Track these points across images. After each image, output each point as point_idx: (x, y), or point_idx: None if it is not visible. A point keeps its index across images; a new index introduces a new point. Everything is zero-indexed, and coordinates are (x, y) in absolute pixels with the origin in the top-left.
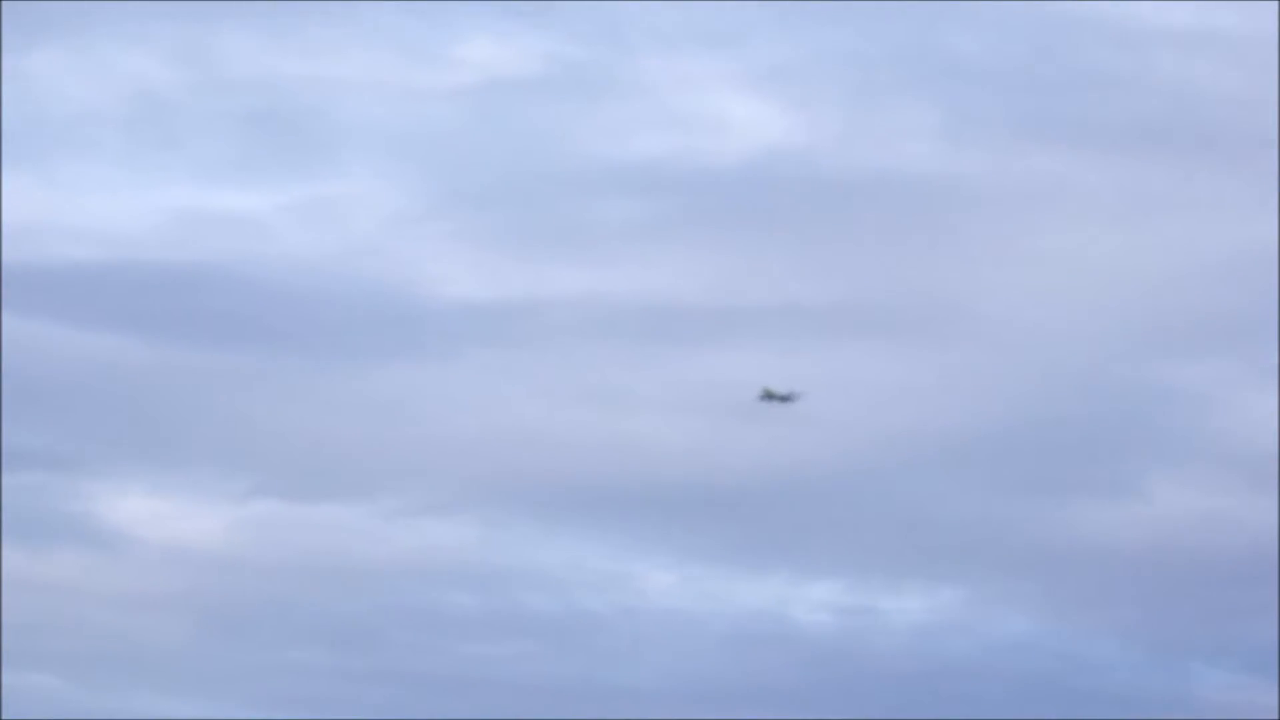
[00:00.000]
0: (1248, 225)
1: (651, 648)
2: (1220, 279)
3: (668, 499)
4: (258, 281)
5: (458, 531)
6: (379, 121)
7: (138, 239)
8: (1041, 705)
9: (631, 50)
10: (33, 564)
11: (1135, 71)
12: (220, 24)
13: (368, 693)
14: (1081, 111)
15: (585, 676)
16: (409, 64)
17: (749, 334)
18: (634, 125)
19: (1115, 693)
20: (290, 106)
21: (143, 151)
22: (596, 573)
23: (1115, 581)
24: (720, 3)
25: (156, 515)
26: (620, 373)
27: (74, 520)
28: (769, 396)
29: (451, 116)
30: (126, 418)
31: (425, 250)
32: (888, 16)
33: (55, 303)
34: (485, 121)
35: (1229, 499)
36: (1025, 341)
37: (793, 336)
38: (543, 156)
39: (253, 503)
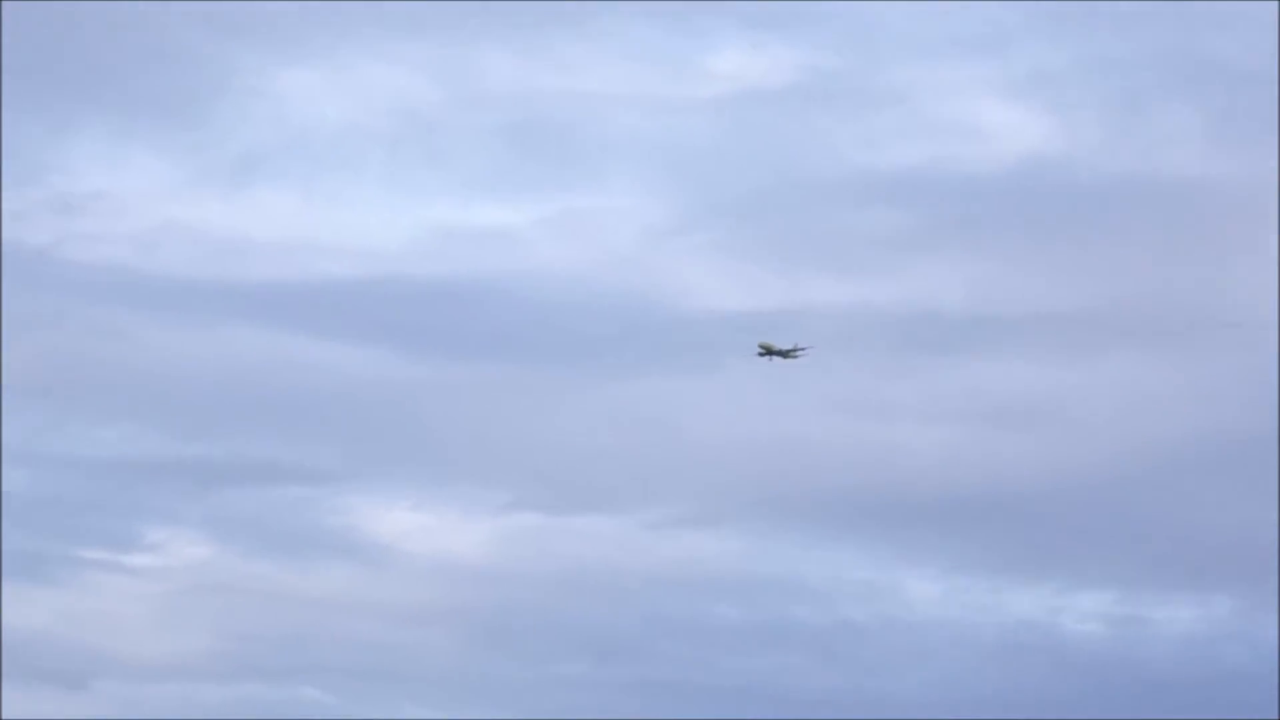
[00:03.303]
0: None
1: (918, 659)
2: None
3: (931, 509)
4: (517, 295)
5: (721, 543)
6: (634, 134)
7: (398, 254)
8: None
9: (886, 58)
10: (298, 578)
11: None
12: (478, 41)
13: (633, 704)
14: None
15: (851, 688)
16: (663, 77)
17: (1010, 342)
18: (891, 134)
19: None
20: (547, 121)
21: (402, 168)
22: (861, 583)
23: None
24: (976, 8)
25: (420, 528)
26: (881, 382)
27: (338, 534)
28: (768, 352)
29: (706, 128)
30: (389, 432)
31: (683, 262)
32: (1147, 20)
33: (317, 318)
34: (740, 133)
35: None
36: None
37: (1054, 344)
38: (799, 167)
39: (515, 515)
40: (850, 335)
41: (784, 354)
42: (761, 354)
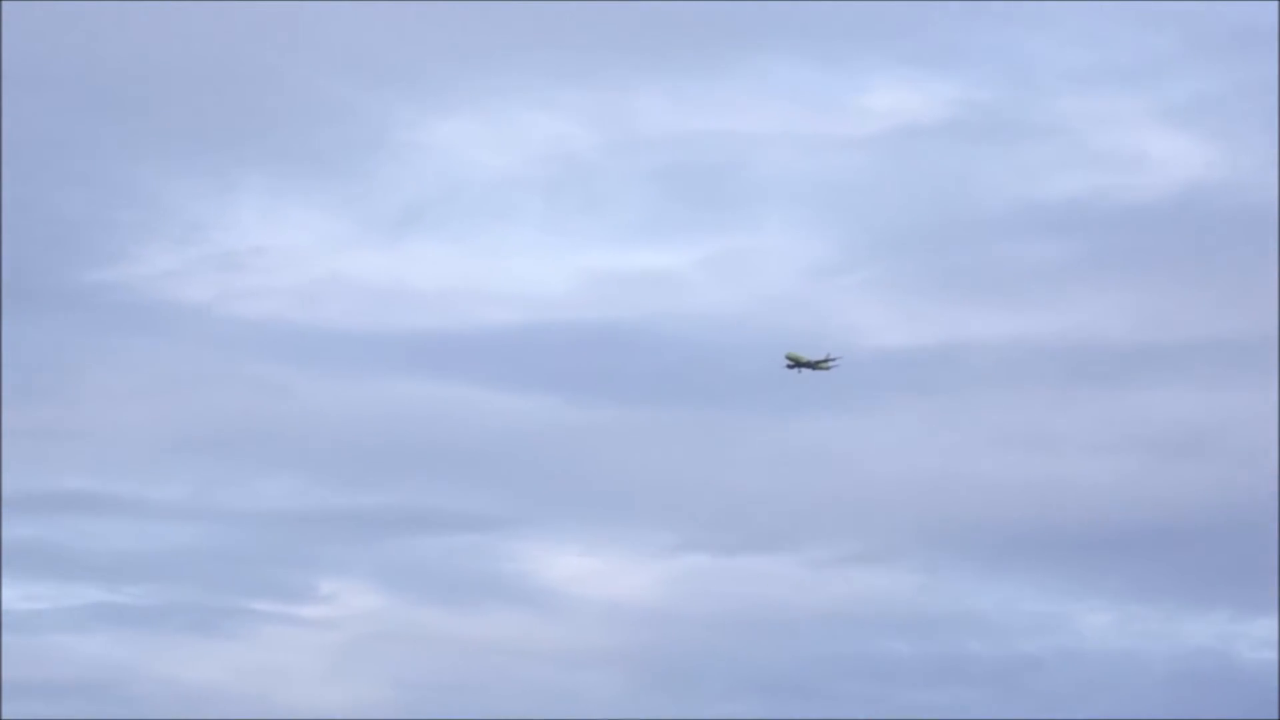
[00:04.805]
0: None
1: (1092, 689)
2: None
3: (1102, 539)
4: (678, 338)
5: (891, 579)
6: (791, 174)
7: (558, 300)
8: None
9: (1043, 90)
10: (469, 624)
11: None
12: (632, 85)
13: None
14: None
15: None
16: (818, 115)
17: (1174, 370)
18: (1050, 165)
19: None
20: (703, 163)
21: (560, 214)
22: (1033, 616)
23: None
24: (1132, 36)
25: (589, 572)
26: (1045, 415)
27: (508, 580)
28: (796, 364)
29: (863, 165)
30: (555, 477)
31: (842, 300)
32: None
33: (479, 366)
34: (897, 169)
35: None
36: None
37: (1220, 371)
38: (958, 201)
39: (683, 557)
40: (1014, 368)
41: (814, 365)
42: (790, 366)
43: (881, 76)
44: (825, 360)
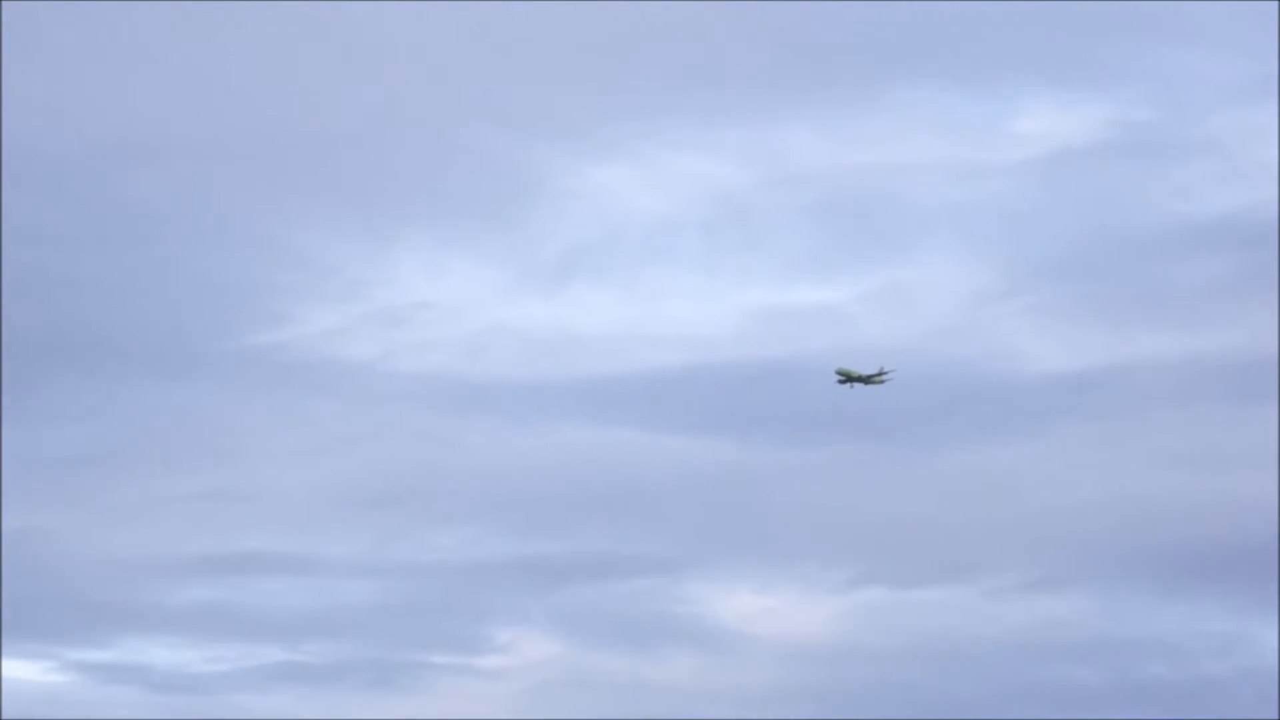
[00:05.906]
0: None
1: (1277, 707)
2: None
3: (1278, 556)
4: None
5: (1069, 605)
6: (949, 203)
7: (722, 340)
8: None
9: (1195, 106)
10: (647, 668)
11: None
12: (783, 122)
13: None
14: None
15: None
16: (972, 143)
17: None
18: (1207, 182)
19: None
20: (860, 196)
21: (720, 253)
22: (1216, 637)
23: None
24: None
25: (765, 611)
26: (1215, 433)
27: (684, 622)
28: (848, 379)
29: (1021, 191)
30: (726, 517)
31: (1007, 327)
32: None
33: (646, 409)
34: (1055, 193)
35: None
36: None
37: None
38: (1117, 222)
39: (858, 591)
40: (1181, 387)
41: (866, 380)
42: (841, 381)
43: (1032, 101)
44: (879, 374)
